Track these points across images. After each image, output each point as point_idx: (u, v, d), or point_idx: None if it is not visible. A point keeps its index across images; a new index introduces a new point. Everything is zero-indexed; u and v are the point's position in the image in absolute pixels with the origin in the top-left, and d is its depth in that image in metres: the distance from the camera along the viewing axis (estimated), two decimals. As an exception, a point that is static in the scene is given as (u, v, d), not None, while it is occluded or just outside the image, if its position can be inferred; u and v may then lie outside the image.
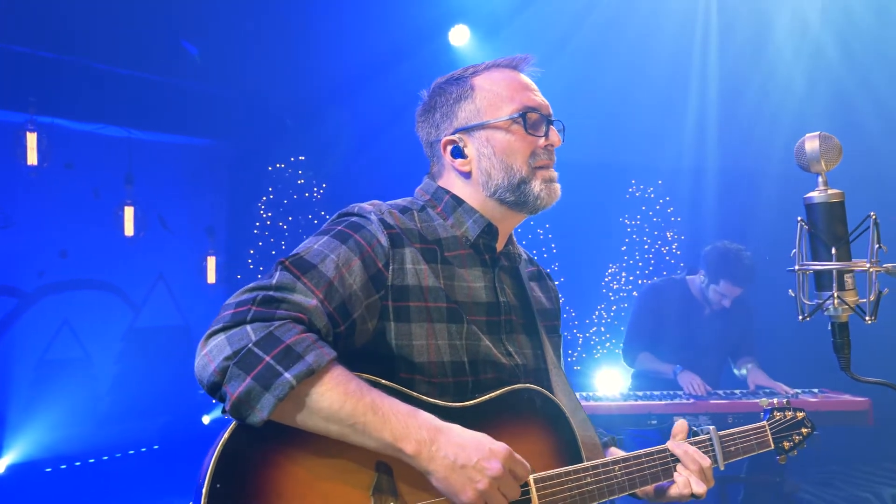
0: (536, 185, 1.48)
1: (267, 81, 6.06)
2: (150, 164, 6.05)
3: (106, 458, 5.80)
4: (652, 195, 7.05)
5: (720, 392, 3.83)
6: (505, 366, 1.44)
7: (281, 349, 1.16)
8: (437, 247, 1.44)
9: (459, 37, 6.30)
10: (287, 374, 1.15)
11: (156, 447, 6.08)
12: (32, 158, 4.58)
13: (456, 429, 1.24)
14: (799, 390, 3.82)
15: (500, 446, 1.25)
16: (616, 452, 1.55)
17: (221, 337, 1.19)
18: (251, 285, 1.27)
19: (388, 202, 1.52)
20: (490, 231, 1.51)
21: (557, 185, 1.52)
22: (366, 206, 1.45)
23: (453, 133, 1.51)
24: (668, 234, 7.19)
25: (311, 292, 1.26)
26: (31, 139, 4.58)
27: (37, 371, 5.65)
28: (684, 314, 4.12)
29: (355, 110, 6.40)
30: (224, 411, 1.20)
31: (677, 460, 1.50)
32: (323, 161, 6.48)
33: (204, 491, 1.11)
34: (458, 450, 1.22)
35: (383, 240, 1.38)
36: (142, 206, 5.68)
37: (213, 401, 5.96)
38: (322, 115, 6.37)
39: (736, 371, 4.24)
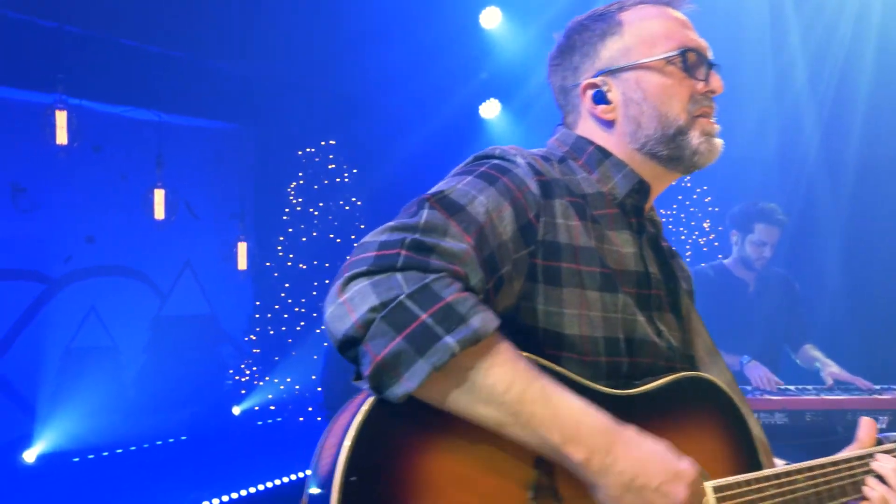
0: (695, 137, 1.25)
1: (296, 64, 5.88)
2: (177, 149, 5.89)
3: (134, 448, 5.66)
4: (688, 184, 6.83)
5: (791, 388, 3.60)
6: (660, 348, 1.23)
7: (440, 307, 0.94)
8: (584, 202, 1.23)
9: (491, 19, 6.13)
10: (448, 338, 0.92)
11: (183, 438, 5.93)
12: (62, 137, 4.41)
13: (633, 436, 1.03)
14: (879, 386, 3.58)
15: (688, 467, 1.04)
16: (776, 459, 1.32)
17: (365, 283, 0.95)
18: (392, 224, 1.04)
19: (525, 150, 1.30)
20: (641, 189, 1.29)
21: (719, 140, 1.28)
22: (508, 147, 1.23)
23: (595, 75, 1.29)
24: (706, 225, 6.97)
25: (462, 238, 1.04)
26: (61, 117, 4.41)
27: (64, 359, 5.52)
28: (727, 297, 3.93)
29: (385, 93, 6.22)
30: (356, 378, 0.98)
31: (868, 472, 1.24)
32: (353, 145, 6.30)
33: (336, 484, 0.91)
34: (638, 466, 1.01)
35: (533, 186, 1.16)
36: (170, 190, 5.51)
37: (243, 391, 5.79)
38: (353, 99, 6.19)
39: (798, 360, 4.02)
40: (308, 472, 1.04)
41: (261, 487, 5.01)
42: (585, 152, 1.30)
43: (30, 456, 4.81)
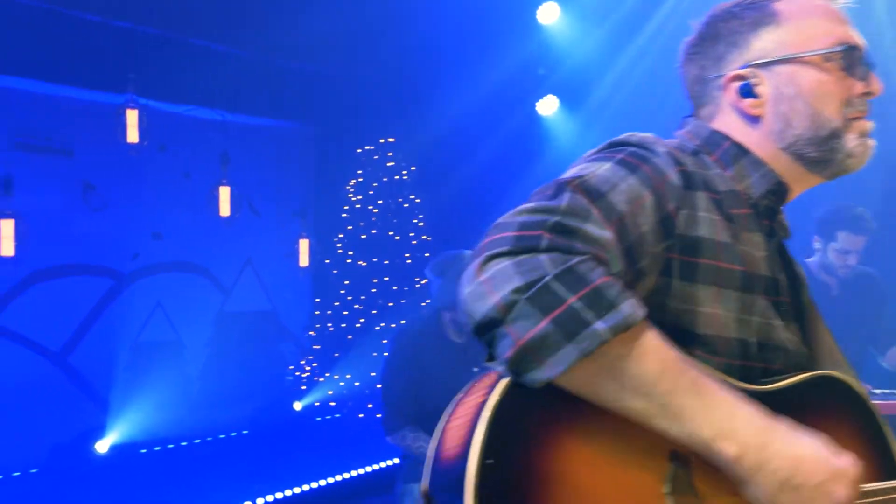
0: (851, 140, 1.17)
1: (355, 63, 5.91)
2: (240, 147, 5.99)
3: (198, 441, 5.77)
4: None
5: (877, 391, 3.43)
6: (791, 355, 1.16)
7: (588, 291, 0.89)
8: (721, 198, 1.16)
9: (549, 14, 6.06)
10: (598, 324, 0.88)
11: (245, 432, 6.02)
12: (133, 136, 4.51)
13: (789, 431, 0.97)
14: None
15: (849, 465, 0.98)
16: None
17: (507, 262, 0.91)
18: (531, 206, 0.98)
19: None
20: (779, 190, 1.21)
21: (872, 141, 1.20)
22: (646, 135, 1.17)
23: (743, 67, 1.21)
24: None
25: (604, 225, 0.99)
26: (132, 116, 4.51)
27: (132, 353, 5.65)
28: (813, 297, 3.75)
29: (442, 90, 6.21)
30: (491, 358, 0.94)
31: None
32: (411, 143, 6.30)
33: (473, 466, 0.88)
34: (795, 463, 0.95)
35: (674, 177, 1.09)
36: (233, 188, 5.59)
37: (304, 387, 5.84)
38: (411, 96, 6.19)
39: (885, 363, 3.85)
40: (390, 462, 1.00)
41: (322, 483, 5.04)
42: (721, 147, 1.22)
43: (102, 446, 4.94)
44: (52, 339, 5.31)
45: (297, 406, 6.02)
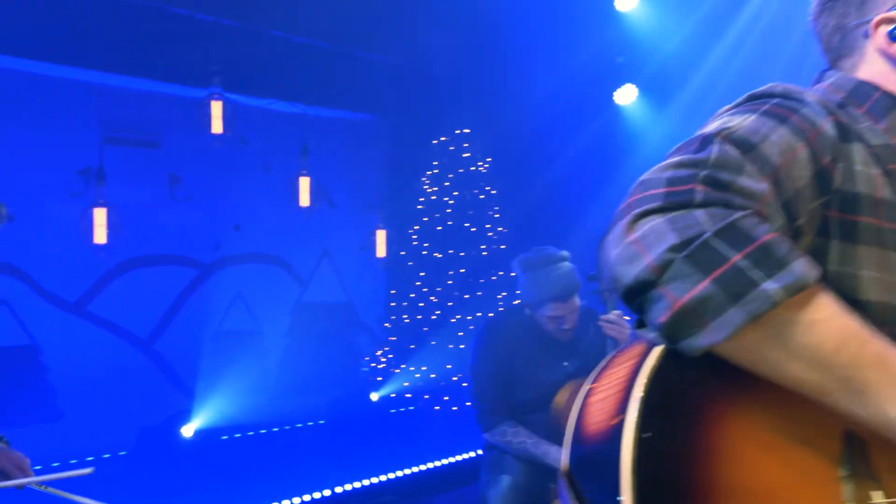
0: None
1: (431, 53, 5.87)
2: (317, 140, 6.04)
3: (276, 429, 5.85)
4: None
5: None
6: None
7: (754, 248, 0.80)
8: (878, 152, 1.05)
9: (627, 1, 5.88)
10: (768, 284, 0.78)
11: (322, 422, 6.07)
12: (217, 127, 4.60)
13: None
14: None
15: None
16: None
17: (659, 219, 0.83)
18: (677, 160, 0.89)
19: None
20: None
21: None
22: (789, 85, 1.07)
23: (892, 9, 1.11)
24: None
25: (758, 178, 0.89)
26: (216, 107, 4.60)
27: (214, 342, 5.78)
28: None
29: (517, 80, 6.11)
30: (640, 325, 0.86)
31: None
32: (487, 134, 6.23)
33: (629, 442, 0.79)
34: None
35: (828, 127, 0.99)
36: (312, 180, 5.64)
37: (379, 378, 5.86)
38: (486, 86, 6.11)
39: None
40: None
41: (399, 474, 5.02)
42: (870, 98, 1.10)
43: (188, 431, 5.06)
44: (140, 327, 5.48)
45: (374, 397, 6.03)
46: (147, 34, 4.74)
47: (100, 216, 4.38)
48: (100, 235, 4.37)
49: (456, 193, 6.16)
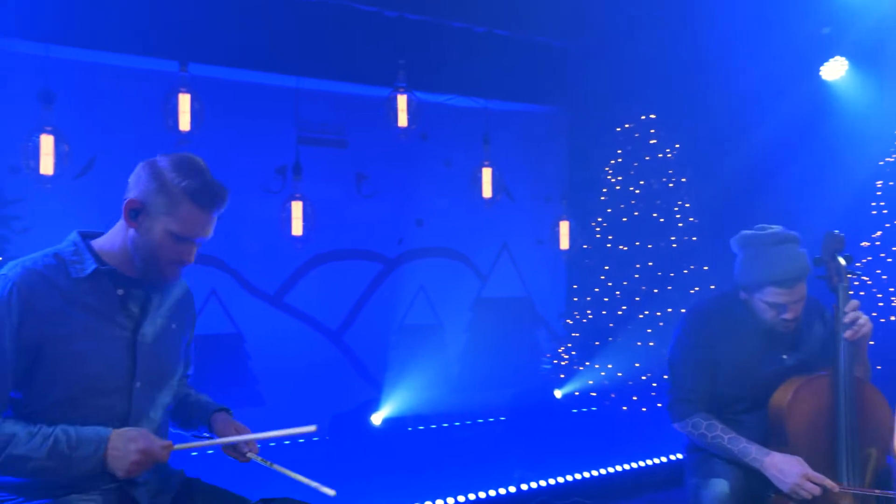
0: None
1: (612, 37, 5.61)
2: (496, 134, 5.99)
3: (458, 423, 5.86)
4: None
5: None
6: None
7: None
8: None
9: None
10: None
11: (502, 418, 6.00)
12: (403, 120, 4.67)
13: None
14: None
15: None
16: None
17: None
18: None
19: None
20: None
21: None
22: None
23: None
24: None
25: None
26: (402, 101, 4.67)
27: (398, 335, 5.91)
28: None
29: (711, 58, 5.67)
30: None
31: None
32: (676, 118, 5.84)
33: None
34: None
35: None
36: (493, 171, 5.58)
37: (562, 375, 5.67)
38: (674, 68, 5.73)
39: None
40: None
41: (586, 474, 4.81)
42: None
43: (377, 419, 5.20)
44: (330, 319, 5.73)
45: (558, 394, 5.85)
46: (337, 35, 4.92)
47: (296, 209, 4.61)
48: (296, 227, 4.60)
49: (642, 182, 5.83)
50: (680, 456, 4.52)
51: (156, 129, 4.46)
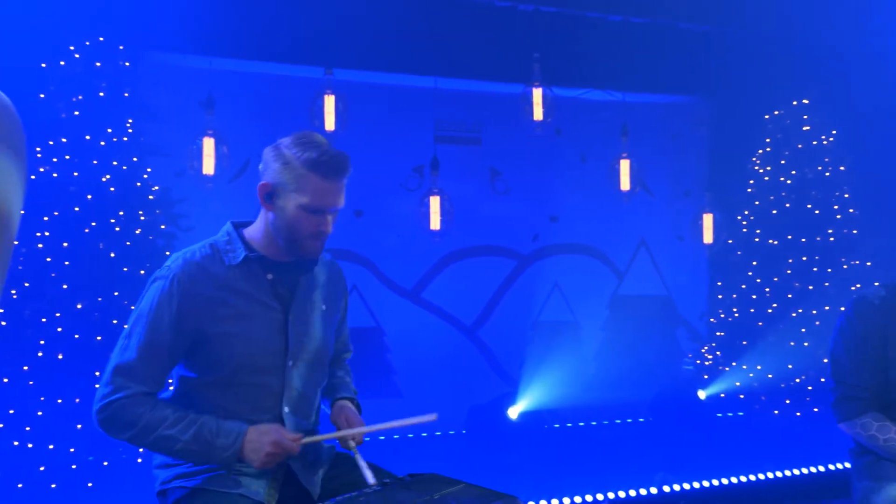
0: None
1: (757, 19, 5.29)
2: (632, 128, 5.82)
3: (594, 423, 5.74)
4: None
5: None
6: None
7: None
8: None
9: None
10: None
11: (641, 420, 5.81)
12: (538, 114, 4.65)
13: None
14: None
15: None
16: None
17: None
18: None
19: None
20: None
21: None
22: None
23: None
24: None
25: None
26: (537, 95, 4.65)
27: (533, 331, 5.88)
28: None
29: (871, 36, 5.21)
30: None
31: None
32: (832, 102, 5.41)
33: None
34: None
35: None
36: (632, 164, 5.43)
37: (705, 376, 5.42)
38: (829, 47, 5.32)
39: None
40: None
41: (734, 480, 4.57)
42: None
43: (513, 413, 5.20)
44: (465, 314, 5.80)
45: (702, 395, 5.58)
46: (473, 33, 4.99)
47: (434, 204, 4.71)
48: (434, 222, 4.70)
49: (794, 172, 5.44)
50: (842, 465, 4.18)
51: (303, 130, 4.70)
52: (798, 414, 5.11)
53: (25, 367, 3.72)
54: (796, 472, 4.67)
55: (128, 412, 1.72)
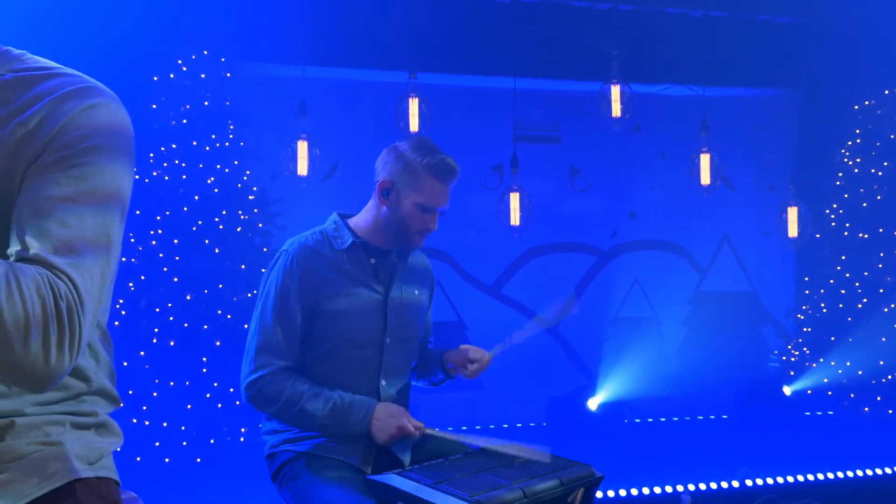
0: None
1: (847, 7, 5.16)
2: (713, 122, 5.76)
3: (676, 419, 5.73)
4: None
5: None
6: None
7: None
8: None
9: None
10: None
11: (724, 416, 5.76)
12: (616, 111, 4.71)
13: None
14: None
15: None
16: None
17: None
18: None
19: None
20: None
21: None
22: None
23: None
24: None
25: None
26: (615, 92, 4.72)
27: (613, 327, 5.92)
28: None
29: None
30: None
31: None
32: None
33: None
34: None
35: None
36: (712, 157, 5.39)
37: (791, 372, 5.30)
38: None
39: None
40: None
41: (820, 476, 4.49)
42: None
43: (593, 404, 5.27)
44: (545, 310, 5.86)
45: (787, 391, 5.48)
46: (551, 33, 5.10)
47: (514, 200, 4.84)
48: (514, 218, 4.83)
49: (886, 164, 5.28)
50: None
51: (389, 133, 4.95)
52: (890, 412, 4.96)
53: (142, 353, 4.10)
54: (888, 470, 4.55)
55: (272, 387, 1.92)
